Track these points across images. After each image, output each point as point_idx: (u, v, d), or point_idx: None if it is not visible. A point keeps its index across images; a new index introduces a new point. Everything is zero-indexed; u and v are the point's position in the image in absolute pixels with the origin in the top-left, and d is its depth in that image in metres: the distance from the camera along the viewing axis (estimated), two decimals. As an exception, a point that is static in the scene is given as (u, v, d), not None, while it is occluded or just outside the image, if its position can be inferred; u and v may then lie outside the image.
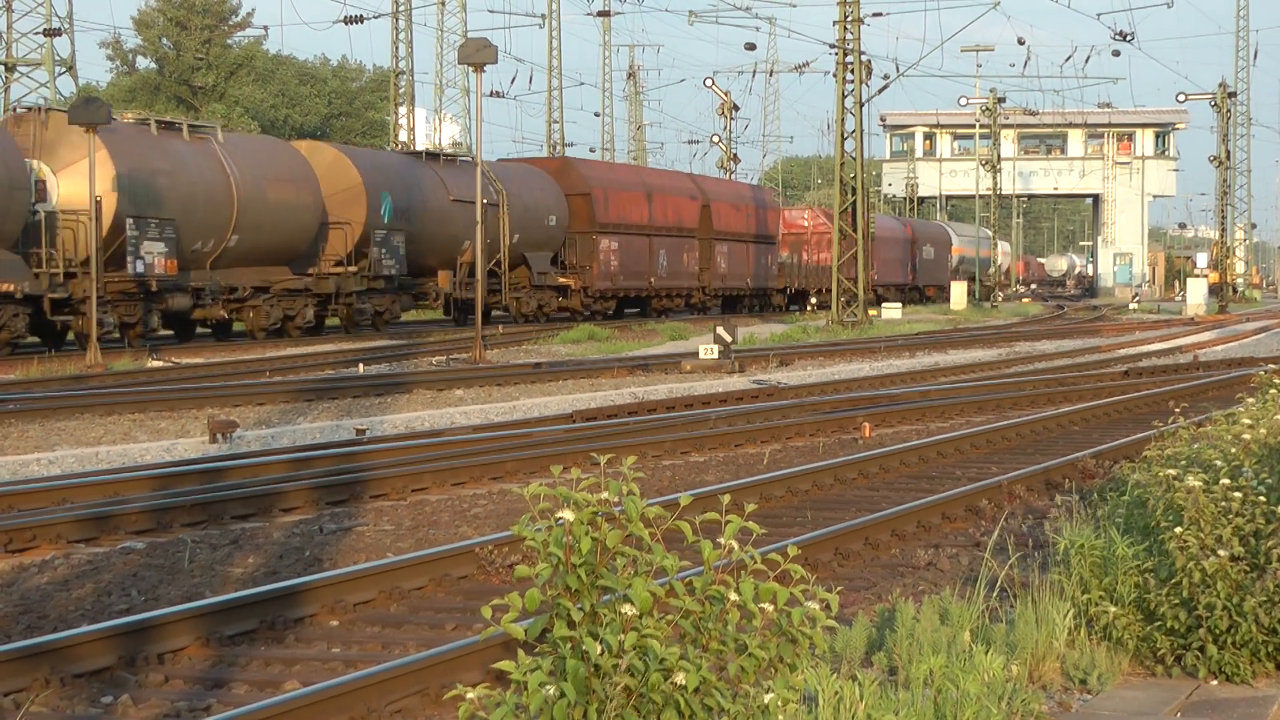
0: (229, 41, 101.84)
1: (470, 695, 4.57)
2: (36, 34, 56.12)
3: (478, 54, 29.90)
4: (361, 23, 63.05)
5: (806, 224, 68.81)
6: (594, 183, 51.62)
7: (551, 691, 4.53)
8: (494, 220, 45.34)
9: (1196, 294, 70.64)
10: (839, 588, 5.44)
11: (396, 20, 62.46)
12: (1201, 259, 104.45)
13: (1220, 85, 73.29)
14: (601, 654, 4.55)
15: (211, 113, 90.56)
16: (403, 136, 63.29)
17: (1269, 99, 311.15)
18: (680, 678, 4.54)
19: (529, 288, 48.59)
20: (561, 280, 49.79)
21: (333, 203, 40.63)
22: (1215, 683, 7.17)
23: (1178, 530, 7.20)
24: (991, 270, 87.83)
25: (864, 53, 49.19)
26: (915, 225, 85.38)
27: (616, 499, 4.75)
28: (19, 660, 7.74)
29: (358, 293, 41.10)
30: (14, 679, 7.64)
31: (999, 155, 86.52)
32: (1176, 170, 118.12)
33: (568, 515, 4.69)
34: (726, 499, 5.02)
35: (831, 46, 49.64)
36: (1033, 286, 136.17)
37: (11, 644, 8.08)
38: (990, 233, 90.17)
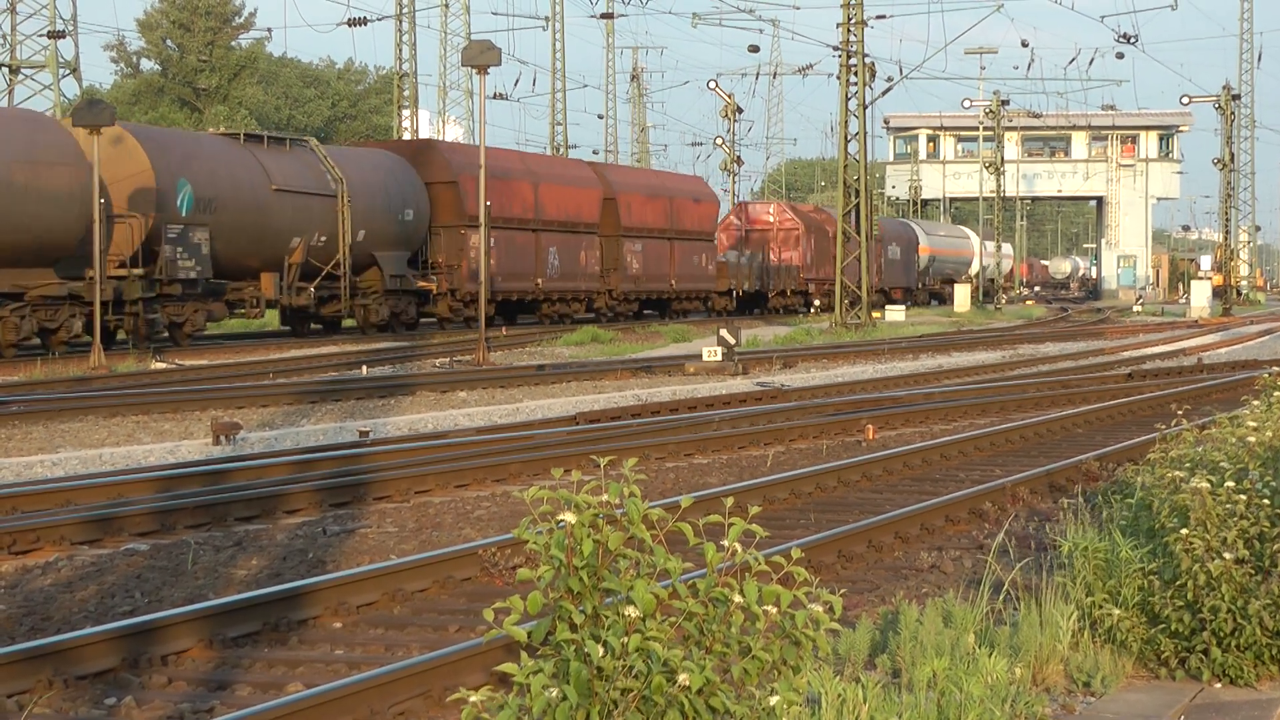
0: (233, 44, 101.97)
1: (474, 698, 4.57)
2: (40, 36, 56.20)
3: (481, 56, 29.92)
4: (365, 25, 63.07)
5: (772, 219, 63.97)
6: (462, 169, 44.04)
7: (554, 694, 4.53)
8: (330, 214, 39.65)
9: (1200, 296, 70.65)
10: (842, 590, 5.42)
11: (400, 22, 62.51)
12: (1205, 261, 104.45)
13: (1224, 87, 73.25)
14: (604, 656, 4.54)
15: (215, 114, 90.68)
16: (406, 139, 63.34)
17: (1273, 101, 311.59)
18: (684, 679, 4.53)
19: (381, 293, 41.99)
20: (421, 284, 43.23)
21: (116, 191, 33.78)
22: (1219, 685, 7.17)
23: (1183, 532, 7.20)
24: (972, 272, 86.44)
25: (867, 55, 49.28)
26: (880, 223, 76.10)
27: (618, 501, 4.74)
28: (22, 662, 7.74)
29: (146, 300, 34.11)
30: (17, 680, 7.64)
31: (1002, 157, 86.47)
32: (1180, 173, 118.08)
33: (569, 518, 4.68)
34: (730, 501, 5.01)
35: (835, 49, 49.68)
36: (1036, 289, 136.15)
37: (15, 645, 8.08)
38: (970, 230, 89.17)
